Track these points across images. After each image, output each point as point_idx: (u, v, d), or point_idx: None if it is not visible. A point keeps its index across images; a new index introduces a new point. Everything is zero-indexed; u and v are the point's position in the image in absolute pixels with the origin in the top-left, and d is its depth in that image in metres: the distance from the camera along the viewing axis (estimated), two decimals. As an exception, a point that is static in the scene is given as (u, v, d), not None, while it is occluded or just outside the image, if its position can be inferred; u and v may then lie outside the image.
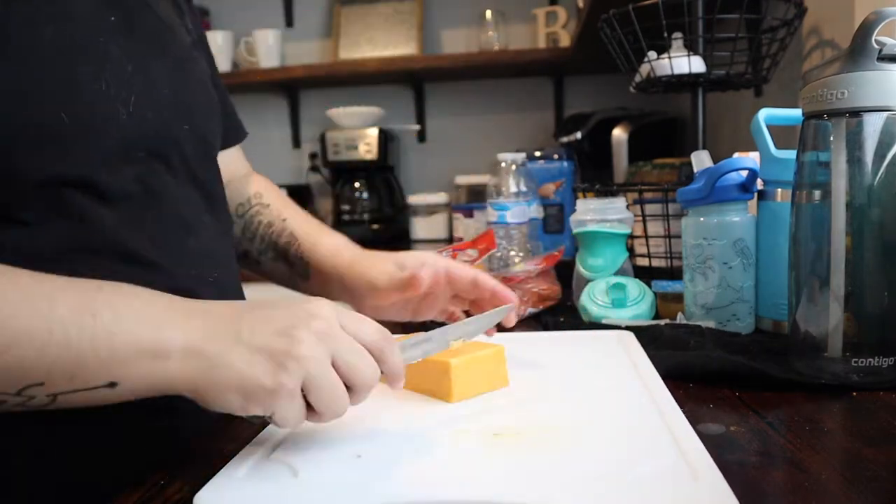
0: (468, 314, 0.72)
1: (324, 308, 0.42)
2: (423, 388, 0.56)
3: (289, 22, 2.38)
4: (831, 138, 0.56)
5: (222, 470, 0.42)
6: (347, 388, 0.42)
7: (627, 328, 0.74)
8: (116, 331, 0.38)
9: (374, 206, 2.15)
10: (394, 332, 0.49)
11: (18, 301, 0.37)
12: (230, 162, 0.77)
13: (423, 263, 0.67)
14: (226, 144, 0.75)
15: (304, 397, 0.41)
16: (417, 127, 2.25)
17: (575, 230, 0.94)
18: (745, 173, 0.73)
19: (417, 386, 0.56)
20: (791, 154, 0.66)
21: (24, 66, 0.44)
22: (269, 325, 0.40)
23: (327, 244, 0.74)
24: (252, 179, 0.80)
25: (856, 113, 0.55)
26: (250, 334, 0.40)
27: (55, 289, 0.38)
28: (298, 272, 0.74)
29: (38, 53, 0.45)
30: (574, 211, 0.96)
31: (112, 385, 0.37)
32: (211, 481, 0.41)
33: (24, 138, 0.44)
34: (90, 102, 0.48)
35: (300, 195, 2.25)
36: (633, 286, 0.84)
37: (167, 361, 0.38)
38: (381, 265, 0.68)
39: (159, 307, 0.40)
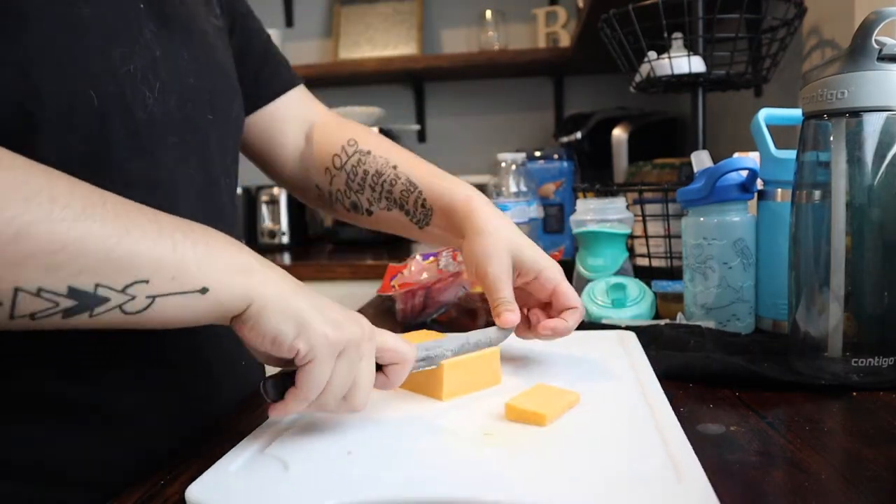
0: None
1: (365, 321, 0.47)
2: (415, 387, 0.56)
3: (289, 22, 2.38)
4: (831, 138, 0.56)
5: (214, 465, 0.43)
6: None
7: (627, 328, 0.74)
8: (212, 244, 0.42)
9: (373, 206, 2.14)
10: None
11: (126, 204, 0.40)
12: (299, 105, 0.76)
13: (538, 274, 0.62)
14: (282, 89, 0.74)
15: None
16: (417, 127, 2.25)
17: (575, 230, 0.94)
18: (745, 173, 0.73)
19: (409, 384, 0.56)
20: (791, 154, 0.66)
21: (63, 42, 0.45)
22: (335, 305, 0.46)
23: (454, 194, 0.67)
24: (339, 126, 0.76)
25: (856, 113, 0.55)
26: (319, 298, 0.45)
27: (155, 211, 0.41)
28: (416, 220, 0.70)
29: (76, 32, 0.46)
30: (574, 211, 0.96)
31: (204, 290, 0.40)
32: (202, 475, 0.41)
33: (53, 113, 0.45)
34: (120, 84, 0.48)
35: (300, 195, 2.25)
36: (633, 286, 0.84)
37: (251, 276, 0.42)
38: (499, 256, 0.61)
39: (243, 247, 0.45)
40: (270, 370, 0.51)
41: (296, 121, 0.76)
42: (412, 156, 0.72)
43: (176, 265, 0.39)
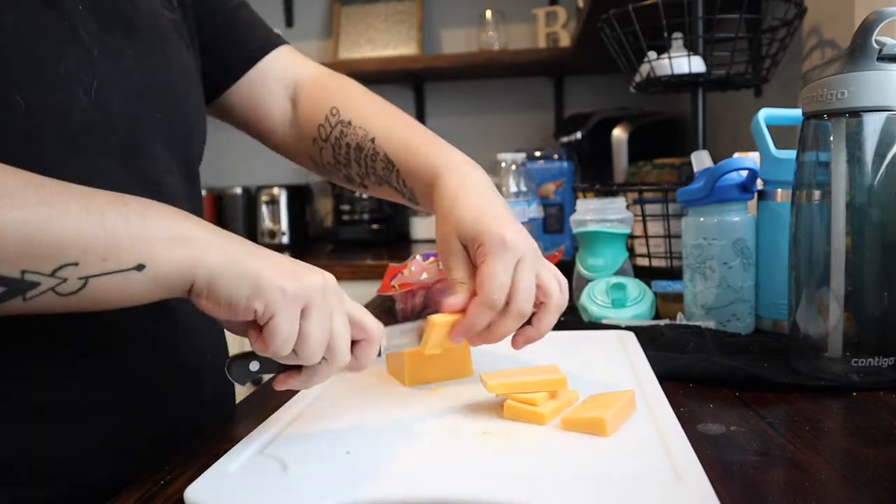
0: None
1: (330, 276, 0.45)
2: (444, 375, 0.58)
3: (289, 22, 2.38)
4: (831, 138, 0.56)
5: (214, 465, 0.43)
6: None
7: (627, 328, 0.74)
8: (148, 217, 0.40)
9: (373, 206, 2.15)
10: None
11: (56, 187, 0.39)
12: (281, 68, 0.71)
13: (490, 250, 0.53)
14: (257, 55, 0.70)
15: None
16: (417, 127, 2.25)
17: (575, 230, 0.94)
18: (745, 173, 0.73)
19: (437, 375, 0.58)
20: (791, 154, 0.66)
21: None
22: (288, 259, 0.44)
23: (425, 172, 0.61)
24: (325, 88, 0.71)
25: (856, 113, 0.55)
26: (271, 254, 0.44)
27: (91, 188, 0.41)
28: (407, 196, 0.65)
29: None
30: (574, 211, 0.96)
31: (140, 267, 0.39)
32: (202, 476, 0.41)
33: None
34: (48, 87, 0.47)
35: (300, 195, 2.26)
36: (633, 286, 0.84)
37: (191, 245, 0.41)
38: (446, 240, 0.56)
39: (186, 215, 0.43)
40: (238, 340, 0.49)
41: (278, 85, 0.71)
42: (392, 121, 0.66)
43: (106, 243, 0.38)
